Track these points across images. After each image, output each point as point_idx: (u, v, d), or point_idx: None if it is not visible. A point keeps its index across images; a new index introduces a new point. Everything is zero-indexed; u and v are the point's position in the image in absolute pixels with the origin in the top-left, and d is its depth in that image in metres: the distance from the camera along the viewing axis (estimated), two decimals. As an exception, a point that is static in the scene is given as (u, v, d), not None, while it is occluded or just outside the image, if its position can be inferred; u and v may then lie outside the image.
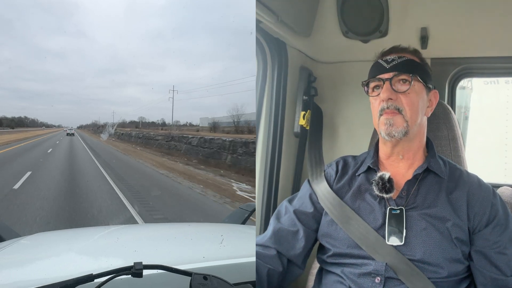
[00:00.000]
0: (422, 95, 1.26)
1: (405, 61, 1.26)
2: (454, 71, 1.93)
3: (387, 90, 1.23)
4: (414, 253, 1.18)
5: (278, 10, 1.56)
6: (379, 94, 1.25)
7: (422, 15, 1.68)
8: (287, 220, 1.36)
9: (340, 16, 1.73)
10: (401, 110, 1.22)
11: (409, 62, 1.26)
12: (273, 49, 1.87)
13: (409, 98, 1.23)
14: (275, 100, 1.90)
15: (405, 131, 1.22)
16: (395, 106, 1.22)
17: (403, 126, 1.22)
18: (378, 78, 1.27)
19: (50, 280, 0.78)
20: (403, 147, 1.28)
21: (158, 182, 10.06)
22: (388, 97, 1.22)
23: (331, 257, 1.29)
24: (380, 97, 1.24)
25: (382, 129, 1.24)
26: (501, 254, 1.19)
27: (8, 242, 1.24)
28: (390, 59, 1.28)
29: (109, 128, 46.99)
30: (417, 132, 1.27)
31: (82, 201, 6.72)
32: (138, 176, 10.95)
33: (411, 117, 1.22)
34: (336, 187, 1.36)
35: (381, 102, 1.24)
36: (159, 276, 0.88)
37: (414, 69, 1.25)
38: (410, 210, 1.23)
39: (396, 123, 1.22)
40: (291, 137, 1.96)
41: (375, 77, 1.27)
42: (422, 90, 1.27)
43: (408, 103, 1.22)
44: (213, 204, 7.24)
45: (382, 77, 1.26)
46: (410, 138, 1.26)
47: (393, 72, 1.25)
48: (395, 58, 1.27)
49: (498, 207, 1.23)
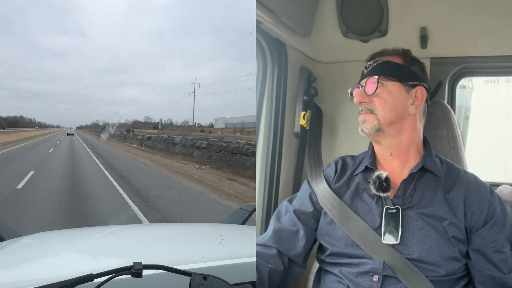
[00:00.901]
0: (397, 94, 1.28)
1: (378, 64, 1.31)
2: (454, 70, 1.93)
3: (358, 94, 1.32)
4: (411, 252, 1.18)
5: (278, 10, 1.56)
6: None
7: (421, 14, 1.68)
8: (288, 220, 1.37)
9: (340, 16, 1.73)
10: (373, 110, 1.28)
11: (381, 65, 1.31)
12: (273, 49, 1.87)
13: (381, 99, 1.28)
14: (275, 100, 1.91)
15: (376, 128, 1.27)
16: (367, 108, 1.29)
17: (374, 123, 1.27)
18: (358, 85, 1.35)
19: (50, 280, 0.78)
20: (388, 144, 1.30)
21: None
22: (359, 101, 1.31)
23: (329, 257, 1.30)
24: (354, 101, 1.33)
25: (359, 127, 1.32)
26: (499, 252, 1.20)
27: (8, 242, 1.24)
28: (368, 65, 1.34)
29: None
30: (400, 129, 1.29)
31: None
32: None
33: (384, 115, 1.27)
34: (335, 186, 1.37)
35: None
36: (159, 276, 0.88)
37: (385, 71, 1.29)
38: (407, 209, 1.24)
39: (367, 121, 1.29)
40: (291, 137, 1.96)
41: (358, 83, 1.35)
42: (397, 89, 1.29)
43: (380, 103, 1.27)
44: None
45: (361, 83, 1.34)
46: (389, 135, 1.28)
47: (367, 77, 1.31)
48: (372, 63, 1.33)
49: (496, 206, 1.24)
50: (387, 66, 1.30)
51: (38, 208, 6.07)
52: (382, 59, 1.32)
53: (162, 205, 6.85)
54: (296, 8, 1.70)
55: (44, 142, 31.70)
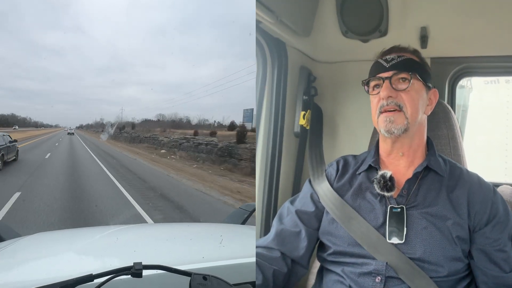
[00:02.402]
0: (421, 94, 1.28)
1: (405, 60, 1.28)
2: (454, 70, 1.93)
3: (386, 88, 1.25)
4: (414, 251, 1.18)
5: (278, 10, 1.56)
6: (379, 93, 1.27)
7: (421, 14, 1.68)
8: (289, 221, 1.37)
9: (340, 16, 1.73)
10: (402, 107, 1.24)
11: (408, 61, 1.28)
12: (273, 49, 1.87)
13: (410, 96, 1.25)
14: (275, 100, 1.91)
15: (404, 128, 1.24)
16: (395, 103, 1.24)
17: (404, 123, 1.24)
18: (378, 77, 1.29)
19: (50, 280, 0.78)
20: (402, 144, 1.29)
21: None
22: (388, 95, 1.25)
23: (332, 255, 1.30)
24: (380, 95, 1.26)
25: (381, 126, 1.26)
26: (501, 251, 1.20)
27: (8, 242, 1.24)
28: (390, 58, 1.30)
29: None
30: (417, 129, 1.29)
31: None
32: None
33: (412, 114, 1.24)
34: (337, 185, 1.37)
35: (381, 100, 1.26)
36: (159, 276, 0.88)
37: (413, 68, 1.27)
38: (411, 209, 1.24)
39: (397, 121, 1.24)
40: (291, 137, 1.96)
41: (375, 76, 1.29)
42: (421, 89, 1.28)
43: (409, 100, 1.25)
44: None
45: (382, 76, 1.28)
46: (410, 135, 1.27)
47: (393, 70, 1.27)
48: (394, 57, 1.29)
49: (499, 205, 1.24)
50: (413, 64, 1.29)
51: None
52: (406, 56, 1.30)
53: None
54: (296, 8, 1.70)
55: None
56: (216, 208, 7.08)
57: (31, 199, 6.68)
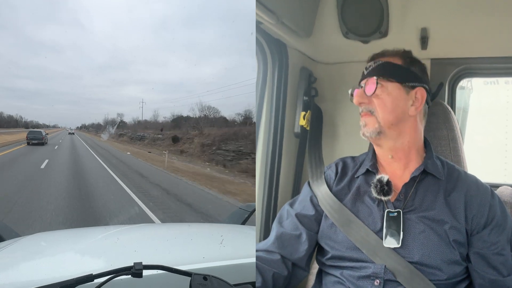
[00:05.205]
0: (397, 95, 1.27)
1: (378, 65, 1.31)
2: (454, 71, 1.93)
3: (357, 95, 1.31)
4: (412, 255, 1.18)
5: (278, 11, 1.56)
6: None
7: (422, 15, 1.69)
8: (289, 224, 1.37)
9: (340, 17, 1.73)
10: (373, 112, 1.27)
11: (381, 66, 1.30)
12: (273, 50, 1.87)
13: (380, 100, 1.27)
14: (275, 100, 1.91)
15: (377, 131, 1.26)
16: (367, 109, 1.28)
17: (375, 126, 1.26)
18: (359, 85, 1.34)
19: (50, 280, 0.78)
20: (389, 147, 1.29)
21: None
22: (359, 102, 1.30)
23: (330, 260, 1.29)
24: (354, 102, 1.32)
25: (360, 130, 1.31)
26: (499, 255, 1.19)
27: (8, 242, 1.24)
28: (368, 65, 1.34)
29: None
30: (401, 131, 1.27)
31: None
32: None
33: (383, 117, 1.26)
34: (336, 189, 1.36)
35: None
36: (159, 276, 0.88)
37: (385, 72, 1.28)
38: (408, 213, 1.23)
39: (368, 124, 1.28)
40: (291, 137, 1.96)
41: (359, 84, 1.34)
42: (397, 90, 1.27)
43: (380, 104, 1.26)
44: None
45: (361, 84, 1.33)
46: (390, 137, 1.27)
47: (367, 78, 1.31)
48: (371, 64, 1.33)
49: (496, 208, 1.23)
50: (386, 67, 1.29)
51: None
52: (382, 60, 1.31)
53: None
54: (296, 9, 1.70)
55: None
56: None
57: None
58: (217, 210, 6.96)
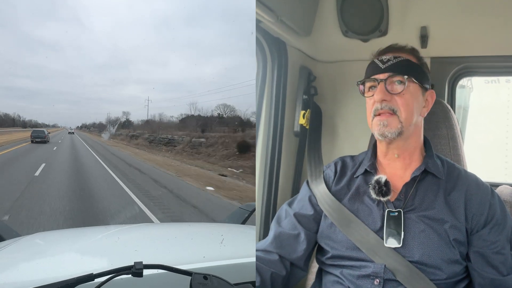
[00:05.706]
0: (417, 96, 1.26)
1: (401, 61, 1.25)
2: (454, 70, 1.93)
3: (381, 91, 1.23)
4: (412, 254, 1.18)
5: (278, 9, 1.56)
6: (374, 95, 1.25)
7: (422, 14, 1.68)
8: (288, 224, 1.36)
9: (340, 16, 1.73)
10: (396, 111, 1.22)
11: (404, 63, 1.25)
12: (273, 48, 1.87)
13: (404, 99, 1.22)
14: (275, 99, 1.90)
15: (399, 131, 1.22)
16: (389, 107, 1.22)
17: (397, 127, 1.22)
18: (373, 79, 1.26)
19: (50, 280, 0.78)
20: (397, 146, 1.28)
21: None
22: (382, 99, 1.22)
23: (330, 259, 1.29)
24: (374, 98, 1.24)
25: (375, 129, 1.25)
26: (499, 254, 1.19)
27: (8, 242, 1.24)
28: (386, 59, 1.27)
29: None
30: (413, 132, 1.27)
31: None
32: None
33: (406, 118, 1.22)
34: (335, 189, 1.36)
35: (375, 103, 1.24)
36: (160, 275, 0.88)
37: (409, 70, 1.24)
38: (408, 212, 1.23)
39: (391, 124, 1.22)
40: (291, 136, 1.96)
41: (371, 77, 1.27)
42: (417, 91, 1.26)
43: (403, 104, 1.22)
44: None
45: (377, 78, 1.25)
46: (405, 138, 1.26)
47: (388, 73, 1.24)
48: (390, 58, 1.26)
49: (496, 207, 1.23)
50: (409, 66, 1.25)
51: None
52: (403, 56, 1.27)
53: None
54: (296, 8, 1.70)
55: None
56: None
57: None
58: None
